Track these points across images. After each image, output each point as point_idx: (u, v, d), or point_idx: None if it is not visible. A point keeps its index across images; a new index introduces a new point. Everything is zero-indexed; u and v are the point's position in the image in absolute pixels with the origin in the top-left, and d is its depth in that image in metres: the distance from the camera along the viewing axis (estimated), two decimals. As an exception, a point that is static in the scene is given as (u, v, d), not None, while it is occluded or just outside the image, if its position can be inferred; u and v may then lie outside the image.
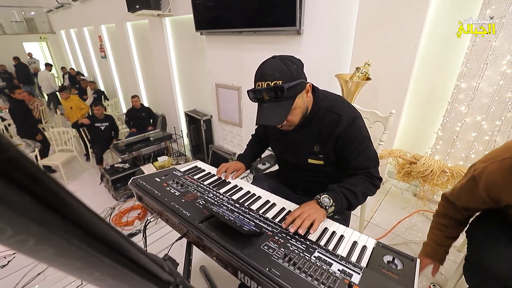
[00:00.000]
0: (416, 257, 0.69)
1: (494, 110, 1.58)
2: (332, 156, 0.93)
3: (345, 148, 0.89)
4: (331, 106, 0.90)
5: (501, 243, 0.85)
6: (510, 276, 0.78)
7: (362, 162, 0.89)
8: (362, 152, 0.89)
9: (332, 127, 0.87)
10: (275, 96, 0.79)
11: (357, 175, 0.90)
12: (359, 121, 0.89)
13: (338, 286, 0.57)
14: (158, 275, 0.42)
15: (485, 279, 0.84)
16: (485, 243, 0.89)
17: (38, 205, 0.20)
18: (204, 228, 0.72)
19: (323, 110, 0.90)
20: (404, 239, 1.68)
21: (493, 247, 0.85)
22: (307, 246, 0.69)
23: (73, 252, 0.26)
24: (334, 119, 0.87)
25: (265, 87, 0.79)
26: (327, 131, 0.89)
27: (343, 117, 0.87)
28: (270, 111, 0.80)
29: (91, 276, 0.32)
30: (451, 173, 1.59)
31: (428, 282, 1.31)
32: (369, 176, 0.89)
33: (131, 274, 0.34)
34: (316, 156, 0.95)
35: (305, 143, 0.95)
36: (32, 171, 0.19)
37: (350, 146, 0.88)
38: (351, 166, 0.90)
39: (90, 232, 0.25)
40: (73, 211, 0.23)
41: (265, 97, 0.80)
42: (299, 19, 2.09)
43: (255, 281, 0.61)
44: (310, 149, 0.95)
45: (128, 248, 0.31)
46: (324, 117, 0.90)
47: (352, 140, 0.87)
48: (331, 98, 0.93)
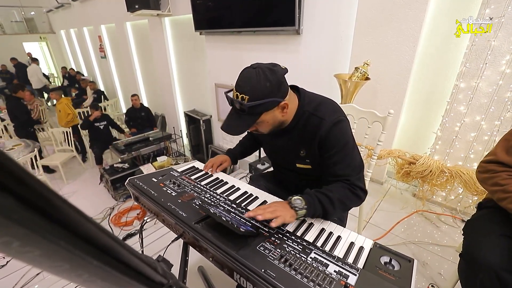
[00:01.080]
0: (413, 258, 0.68)
1: (493, 110, 1.57)
2: (319, 160, 0.89)
3: (324, 153, 0.84)
4: (315, 109, 0.86)
5: (494, 235, 0.86)
6: (502, 266, 0.79)
7: (341, 169, 0.83)
8: (343, 159, 0.83)
9: (314, 130, 0.84)
10: (239, 109, 0.80)
11: (336, 182, 0.84)
12: (342, 125, 0.84)
13: (334, 287, 0.57)
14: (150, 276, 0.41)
15: (477, 270, 0.84)
16: (479, 236, 0.91)
17: (22, 206, 0.19)
18: (200, 229, 0.72)
19: (307, 114, 0.87)
20: (403, 239, 1.67)
21: (486, 239, 0.87)
22: (304, 247, 0.69)
23: (60, 254, 0.25)
24: (316, 123, 0.84)
25: (234, 97, 0.79)
26: (310, 135, 0.86)
27: (325, 121, 0.82)
28: (232, 122, 0.82)
29: (80, 278, 0.31)
30: (450, 173, 1.59)
31: (426, 283, 1.30)
32: (349, 185, 0.83)
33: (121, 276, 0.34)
34: (303, 161, 0.92)
35: (291, 148, 0.93)
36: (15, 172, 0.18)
37: (329, 151, 0.83)
38: (329, 172, 0.85)
39: (77, 233, 0.25)
40: (58, 212, 0.22)
41: (235, 105, 0.81)
42: (299, 19, 2.08)
43: (251, 282, 0.60)
44: (296, 153, 0.92)
45: (118, 249, 0.31)
46: (308, 121, 0.86)
47: (332, 145, 0.82)
48: (317, 102, 0.89)
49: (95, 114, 3.69)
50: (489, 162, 0.94)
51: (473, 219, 1.01)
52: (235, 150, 1.22)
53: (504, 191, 0.85)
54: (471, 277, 0.88)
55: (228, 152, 1.20)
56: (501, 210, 0.96)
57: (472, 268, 0.87)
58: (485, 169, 0.93)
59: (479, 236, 0.91)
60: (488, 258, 0.82)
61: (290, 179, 1.07)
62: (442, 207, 1.92)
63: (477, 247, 0.88)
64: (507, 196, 0.84)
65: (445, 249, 1.59)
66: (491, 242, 0.85)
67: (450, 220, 1.82)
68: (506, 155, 0.90)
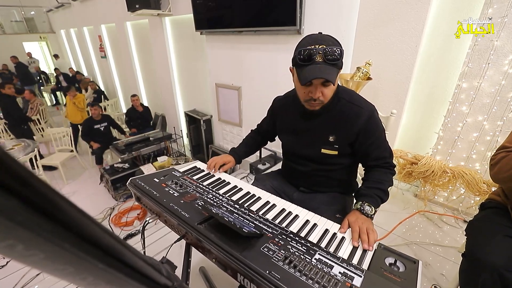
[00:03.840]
0: (418, 260, 0.67)
1: (496, 110, 1.57)
2: (347, 147, 0.95)
3: (367, 140, 0.92)
4: (351, 99, 0.93)
5: (497, 236, 0.86)
6: (504, 266, 0.79)
7: (381, 153, 0.94)
8: (382, 144, 0.94)
9: (354, 118, 0.90)
10: (330, 59, 0.79)
11: (376, 167, 0.94)
12: (377, 114, 0.94)
13: (339, 289, 0.56)
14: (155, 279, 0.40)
15: (479, 270, 0.84)
16: (482, 237, 0.90)
17: (26, 209, 0.19)
18: (203, 230, 0.71)
19: (343, 101, 0.92)
20: (405, 240, 1.67)
21: (489, 240, 0.87)
22: (308, 248, 0.68)
23: (65, 257, 0.24)
24: (356, 111, 0.90)
25: (322, 47, 0.79)
26: (348, 121, 0.91)
27: (364, 110, 0.90)
28: (323, 69, 0.80)
29: (85, 281, 0.31)
30: (452, 173, 1.58)
31: (429, 284, 1.30)
32: (388, 167, 0.94)
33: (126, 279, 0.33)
34: (331, 146, 0.96)
35: (321, 132, 0.96)
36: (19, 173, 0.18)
37: (371, 138, 0.91)
38: (371, 157, 0.94)
39: (82, 236, 0.24)
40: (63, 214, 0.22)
41: (317, 59, 0.80)
42: (300, 18, 2.08)
43: (255, 283, 0.60)
44: (325, 138, 0.96)
45: (123, 251, 0.30)
46: (345, 108, 0.92)
47: (373, 132, 0.91)
48: (349, 92, 0.96)
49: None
50: (497, 153, 0.91)
51: (476, 219, 1.01)
52: (239, 150, 1.20)
53: None
54: (473, 277, 0.87)
55: (232, 152, 1.18)
56: (502, 210, 0.96)
57: (475, 268, 0.87)
58: (496, 159, 0.90)
59: (483, 237, 0.90)
60: (492, 258, 0.82)
61: (304, 171, 1.06)
62: (444, 208, 1.91)
63: (480, 248, 0.87)
64: None
65: (447, 249, 1.58)
66: (495, 242, 0.85)
67: (452, 220, 1.82)
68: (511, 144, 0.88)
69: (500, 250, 0.82)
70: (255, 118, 1.29)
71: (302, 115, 0.99)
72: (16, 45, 8.72)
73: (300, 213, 0.85)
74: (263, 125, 1.22)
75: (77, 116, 4.40)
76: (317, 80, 0.83)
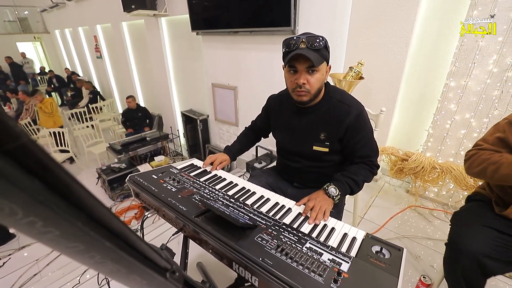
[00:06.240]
0: (403, 247, 0.72)
1: (482, 108, 1.63)
2: (337, 144, 1.00)
3: (353, 137, 0.96)
4: (342, 98, 0.98)
5: (476, 225, 0.91)
6: (483, 253, 0.84)
7: (367, 151, 0.98)
8: (367, 143, 0.98)
9: (343, 116, 0.95)
10: (313, 45, 0.85)
11: (359, 163, 0.99)
12: (365, 114, 0.98)
13: (327, 274, 0.60)
14: (155, 261, 0.44)
15: (459, 257, 0.89)
16: (463, 226, 0.96)
17: (47, 189, 0.22)
18: (200, 222, 0.75)
19: (334, 100, 0.98)
20: (396, 234, 1.72)
21: (470, 229, 0.92)
22: (299, 237, 0.72)
23: (77, 235, 0.28)
24: (345, 109, 0.95)
25: (305, 36, 0.86)
26: (338, 119, 0.96)
27: (353, 108, 0.95)
28: (305, 52, 0.84)
29: (92, 259, 0.35)
30: (441, 169, 1.64)
31: (418, 274, 1.35)
32: (370, 165, 0.99)
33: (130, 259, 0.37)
34: (321, 144, 1.00)
35: (312, 129, 1.01)
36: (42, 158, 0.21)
37: (357, 136, 0.96)
38: (356, 155, 0.99)
39: (93, 216, 0.28)
40: (77, 196, 0.25)
41: (301, 46, 0.86)
42: (294, 19, 2.12)
43: (249, 271, 0.63)
44: (316, 136, 1.00)
45: (127, 233, 0.34)
46: (335, 107, 0.97)
47: (361, 130, 0.96)
48: (340, 92, 1.01)
49: None
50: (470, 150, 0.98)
51: (460, 211, 1.06)
52: (233, 147, 1.24)
53: (493, 162, 0.84)
54: (454, 264, 0.93)
55: (227, 150, 1.22)
56: (486, 203, 1.01)
57: (456, 256, 0.92)
58: (468, 155, 0.97)
59: (463, 226, 0.96)
60: (470, 245, 0.87)
61: (296, 167, 1.11)
62: (434, 203, 1.97)
63: (460, 236, 0.93)
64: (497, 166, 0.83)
65: (438, 243, 1.64)
66: (474, 231, 0.90)
67: (442, 215, 1.88)
68: (484, 142, 0.94)
69: (477, 238, 0.88)
70: (251, 117, 1.33)
71: (295, 113, 1.04)
72: (9, 45, 8.62)
73: (293, 207, 0.89)
74: (257, 122, 1.26)
75: (49, 122, 4.08)
76: (301, 66, 0.88)
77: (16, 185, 0.20)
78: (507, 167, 0.80)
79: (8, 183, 0.20)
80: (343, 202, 1.13)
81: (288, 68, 0.93)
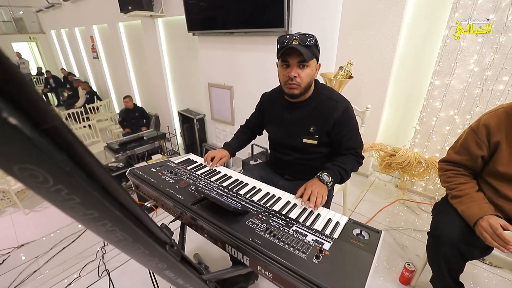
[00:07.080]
0: (381, 230, 0.79)
1: (465, 105, 1.72)
2: (325, 137, 1.08)
3: (341, 131, 1.05)
4: (330, 95, 1.07)
5: (454, 214, 0.99)
6: (461, 239, 0.92)
7: (352, 144, 1.07)
8: (353, 136, 1.07)
9: (331, 111, 1.04)
10: (305, 43, 0.93)
11: (347, 154, 1.08)
12: (352, 109, 1.07)
13: (310, 251, 0.67)
14: (156, 234, 0.51)
15: (440, 245, 0.97)
16: (441, 215, 1.04)
17: (72, 163, 0.29)
18: (196, 209, 0.81)
19: (323, 96, 1.07)
20: (385, 226, 1.80)
21: (448, 218, 1.00)
22: (287, 222, 0.79)
23: (93, 203, 0.36)
24: (333, 105, 1.04)
25: (298, 35, 0.93)
26: (325, 114, 1.04)
27: (340, 104, 1.04)
28: (298, 47, 0.92)
29: (104, 227, 0.42)
30: (426, 164, 1.72)
31: (403, 262, 1.43)
32: (356, 156, 1.09)
33: (135, 229, 0.44)
34: (311, 136, 1.09)
35: (302, 123, 1.09)
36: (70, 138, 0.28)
37: (345, 129, 1.05)
38: (343, 147, 1.08)
39: (107, 189, 0.35)
40: (96, 170, 0.32)
41: (294, 42, 0.93)
42: (287, 20, 2.19)
43: (241, 251, 0.70)
44: (306, 129, 1.09)
45: (134, 207, 0.41)
46: (324, 102, 1.06)
47: (346, 124, 1.04)
48: (328, 89, 1.11)
49: None
50: (442, 161, 1.10)
51: (440, 202, 1.14)
52: (232, 143, 1.30)
53: (448, 188, 1.02)
54: (436, 251, 1.00)
55: (226, 146, 1.28)
56: None
57: (437, 243, 1.00)
58: (440, 167, 1.11)
59: (442, 215, 1.04)
60: (449, 233, 0.95)
61: (288, 160, 1.18)
62: (422, 197, 2.06)
63: (440, 225, 1.00)
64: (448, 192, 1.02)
65: (423, 234, 1.72)
66: (452, 220, 0.98)
67: (430, 208, 1.96)
68: (454, 154, 1.04)
69: (455, 226, 0.95)
70: (246, 116, 1.39)
71: (286, 108, 1.12)
72: (4, 45, 8.56)
73: (283, 196, 0.96)
74: (252, 119, 1.33)
75: None
76: (293, 60, 0.96)
77: (50, 157, 0.27)
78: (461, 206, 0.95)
79: (44, 155, 0.26)
80: (331, 192, 1.20)
81: (281, 63, 1.00)
